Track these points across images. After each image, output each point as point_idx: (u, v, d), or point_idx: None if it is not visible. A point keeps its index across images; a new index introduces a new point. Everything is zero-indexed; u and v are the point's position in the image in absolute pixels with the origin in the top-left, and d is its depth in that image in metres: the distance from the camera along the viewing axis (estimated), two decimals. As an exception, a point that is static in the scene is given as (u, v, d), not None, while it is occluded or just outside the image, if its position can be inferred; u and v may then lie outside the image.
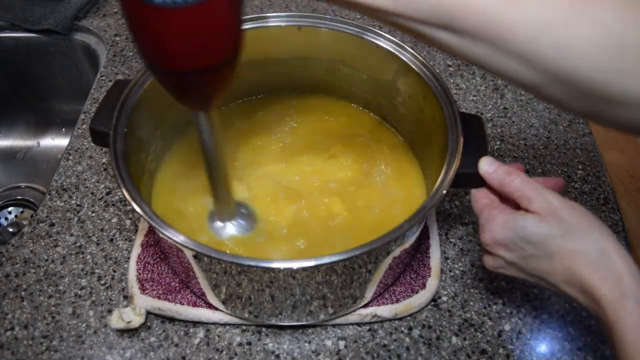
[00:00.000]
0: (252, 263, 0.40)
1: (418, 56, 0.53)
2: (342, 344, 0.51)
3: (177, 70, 0.33)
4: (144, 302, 0.50)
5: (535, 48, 0.34)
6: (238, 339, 0.51)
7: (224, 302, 0.49)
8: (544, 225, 0.40)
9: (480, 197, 0.45)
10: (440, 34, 0.36)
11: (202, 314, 0.51)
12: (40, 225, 0.59)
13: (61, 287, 0.54)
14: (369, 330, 0.51)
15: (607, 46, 0.33)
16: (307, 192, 0.55)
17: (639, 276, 0.37)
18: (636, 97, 0.34)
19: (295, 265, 0.40)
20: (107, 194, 0.62)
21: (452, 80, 0.76)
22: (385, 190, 0.56)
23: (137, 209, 0.42)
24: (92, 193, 0.62)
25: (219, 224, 0.51)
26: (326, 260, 0.40)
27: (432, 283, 0.53)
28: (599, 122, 0.39)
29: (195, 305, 0.51)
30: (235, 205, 0.51)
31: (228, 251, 0.49)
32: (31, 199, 0.87)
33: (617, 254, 0.38)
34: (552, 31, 0.34)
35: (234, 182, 0.55)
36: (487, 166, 0.44)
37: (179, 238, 0.40)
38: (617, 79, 0.34)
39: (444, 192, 0.43)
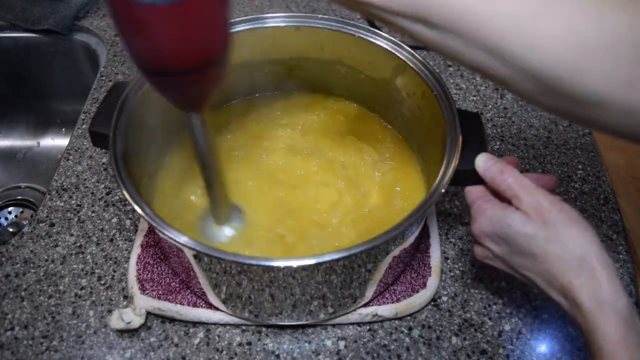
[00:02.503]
0: (253, 262, 0.40)
1: (416, 55, 0.53)
2: (342, 344, 0.50)
3: (163, 69, 0.33)
4: (144, 302, 0.50)
5: (505, 44, 0.35)
6: (238, 339, 0.51)
7: (224, 302, 0.49)
8: (530, 226, 0.40)
9: (473, 190, 0.46)
10: (417, 27, 0.37)
11: (202, 314, 0.51)
12: (40, 225, 0.59)
13: (61, 287, 0.54)
14: (369, 330, 0.51)
15: (571, 45, 0.34)
16: (304, 191, 0.55)
17: (619, 286, 0.37)
18: (598, 97, 0.35)
19: (295, 263, 0.40)
20: (107, 194, 0.62)
21: (452, 80, 0.76)
22: (384, 189, 0.56)
23: (138, 210, 0.42)
24: (92, 193, 0.62)
25: (213, 226, 0.51)
26: (326, 258, 0.40)
27: (433, 282, 0.53)
28: (571, 120, 0.40)
29: (195, 305, 0.51)
30: (231, 207, 0.51)
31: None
32: (31, 199, 0.87)
33: (599, 262, 0.38)
34: (521, 28, 0.34)
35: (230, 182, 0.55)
36: (482, 163, 0.45)
37: (181, 238, 0.40)
38: (580, 78, 0.34)
39: (444, 189, 0.43)
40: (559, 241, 0.39)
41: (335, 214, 0.53)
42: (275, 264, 0.40)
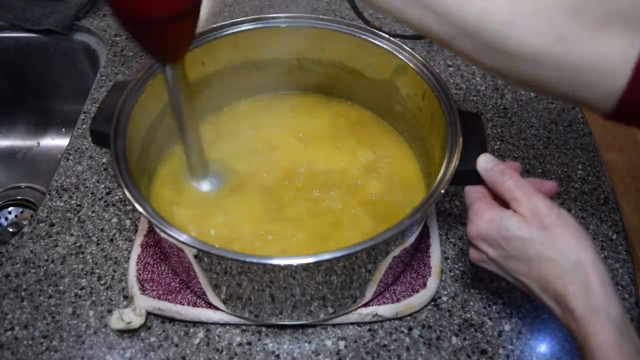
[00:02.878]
0: (254, 260, 0.40)
1: (416, 55, 0.53)
2: (342, 344, 0.51)
3: (142, 17, 0.36)
4: (144, 302, 0.50)
5: (440, 0, 0.36)
6: (238, 339, 0.51)
7: (224, 302, 0.49)
8: (526, 229, 0.40)
9: (473, 190, 0.45)
10: None
11: (202, 313, 0.51)
12: (40, 225, 0.59)
13: (61, 287, 0.54)
14: (369, 330, 0.51)
15: (502, 0, 0.35)
16: (302, 191, 0.55)
17: (614, 293, 0.37)
18: (531, 52, 0.36)
19: (295, 262, 0.40)
20: (107, 194, 0.62)
21: (452, 80, 0.76)
22: (385, 189, 0.56)
23: (139, 208, 0.42)
24: (92, 193, 0.62)
25: (193, 181, 0.53)
26: (326, 257, 0.40)
27: (433, 282, 0.53)
28: (512, 81, 0.41)
29: (195, 305, 0.51)
30: (207, 164, 0.53)
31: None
32: (31, 199, 0.87)
33: (593, 269, 0.38)
34: None
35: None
36: (484, 163, 0.44)
37: (181, 237, 0.40)
38: (512, 33, 0.35)
39: (444, 189, 0.44)
40: (554, 246, 0.39)
41: (332, 211, 0.53)
42: (275, 262, 0.40)
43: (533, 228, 0.40)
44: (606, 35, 0.34)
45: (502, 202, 0.43)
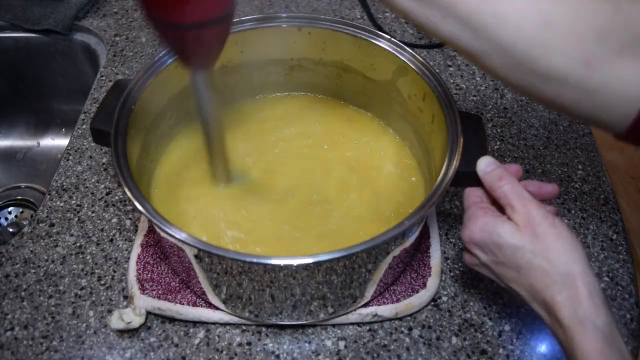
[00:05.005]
0: (254, 260, 0.40)
1: (417, 56, 0.53)
2: (342, 344, 0.51)
3: (179, 22, 0.36)
4: (144, 302, 0.51)
5: (478, 16, 0.37)
6: (238, 339, 0.51)
7: (224, 302, 0.49)
8: (519, 237, 0.40)
9: (471, 194, 0.45)
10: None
11: (202, 313, 0.51)
12: (40, 225, 0.59)
13: (61, 287, 0.54)
14: (369, 330, 0.51)
15: (537, 21, 0.36)
16: (302, 192, 0.55)
17: (601, 303, 0.38)
18: (558, 74, 0.37)
19: (295, 262, 0.40)
20: (107, 194, 0.62)
21: (452, 80, 0.76)
22: (385, 190, 0.56)
23: (139, 207, 0.42)
24: (92, 193, 0.62)
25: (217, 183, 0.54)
26: (326, 257, 0.40)
27: (433, 282, 0.53)
28: (533, 98, 0.42)
29: (195, 305, 0.51)
30: (230, 171, 0.53)
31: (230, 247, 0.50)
32: (31, 199, 0.87)
33: (582, 280, 0.38)
34: (495, 1, 0.36)
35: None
36: (483, 166, 0.45)
37: (181, 235, 0.40)
38: (542, 54, 0.36)
39: (444, 190, 0.44)
40: (545, 255, 0.39)
41: (332, 211, 0.54)
42: (275, 262, 0.40)
43: (525, 236, 0.40)
44: (627, 60, 0.36)
45: (500, 206, 0.43)
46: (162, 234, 0.43)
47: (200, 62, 0.42)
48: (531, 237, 0.40)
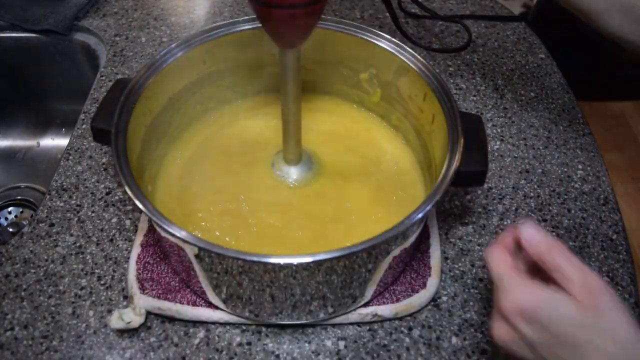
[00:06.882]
0: (254, 259, 0.40)
1: (418, 56, 0.53)
2: (342, 344, 0.51)
3: (285, 2, 0.38)
4: (143, 302, 0.50)
5: None
6: (238, 339, 0.51)
7: (224, 301, 0.49)
8: (580, 314, 0.35)
9: (499, 258, 0.40)
10: None
11: (202, 313, 0.51)
12: (40, 225, 0.59)
13: (61, 287, 0.54)
14: (369, 330, 0.51)
15: None
16: (300, 191, 0.55)
17: None
18: None
19: (295, 261, 0.40)
20: (107, 194, 0.62)
21: (452, 80, 0.76)
22: (385, 190, 0.56)
23: (140, 205, 0.42)
24: (92, 193, 0.62)
25: (284, 167, 0.56)
26: (326, 257, 0.40)
27: (433, 282, 0.53)
28: None
29: (195, 304, 0.51)
30: (301, 152, 0.55)
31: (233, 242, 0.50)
32: (31, 199, 0.87)
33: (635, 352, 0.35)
34: None
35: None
36: (529, 236, 0.39)
37: (181, 234, 0.40)
38: None
39: (444, 190, 0.44)
40: (605, 331, 0.35)
41: (333, 210, 0.54)
42: (275, 261, 0.40)
43: (587, 313, 0.36)
44: None
45: (533, 272, 0.40)
46: (162, 233, 0.43)
47: (289, 41, 0.44)
48: (594, 313, 0.35)
